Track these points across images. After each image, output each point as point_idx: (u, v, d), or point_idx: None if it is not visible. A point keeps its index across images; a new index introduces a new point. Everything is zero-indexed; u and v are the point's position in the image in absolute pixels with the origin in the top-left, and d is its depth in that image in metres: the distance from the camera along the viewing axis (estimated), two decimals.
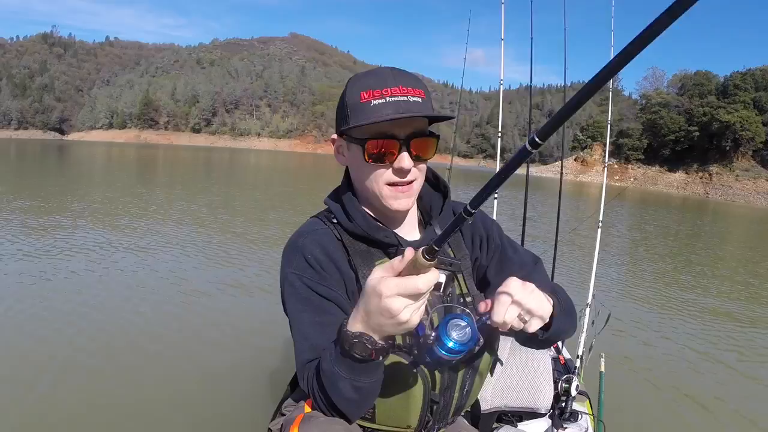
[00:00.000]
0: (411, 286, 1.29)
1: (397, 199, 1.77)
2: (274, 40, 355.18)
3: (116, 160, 60.16)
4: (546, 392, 2.78)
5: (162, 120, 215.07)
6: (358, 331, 1.43)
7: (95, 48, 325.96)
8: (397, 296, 1.31)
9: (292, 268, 1.77)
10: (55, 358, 5.36)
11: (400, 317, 1.33)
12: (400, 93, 1.68)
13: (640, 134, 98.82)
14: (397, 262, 1.33)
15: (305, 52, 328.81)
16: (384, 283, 1.32)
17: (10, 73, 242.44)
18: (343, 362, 1.49)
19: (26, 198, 17.62)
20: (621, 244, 18.72)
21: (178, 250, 10.85)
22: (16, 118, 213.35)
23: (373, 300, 1.34)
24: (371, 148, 1.71)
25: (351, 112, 1.72)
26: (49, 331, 6.09)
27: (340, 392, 1.55)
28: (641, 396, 5.60)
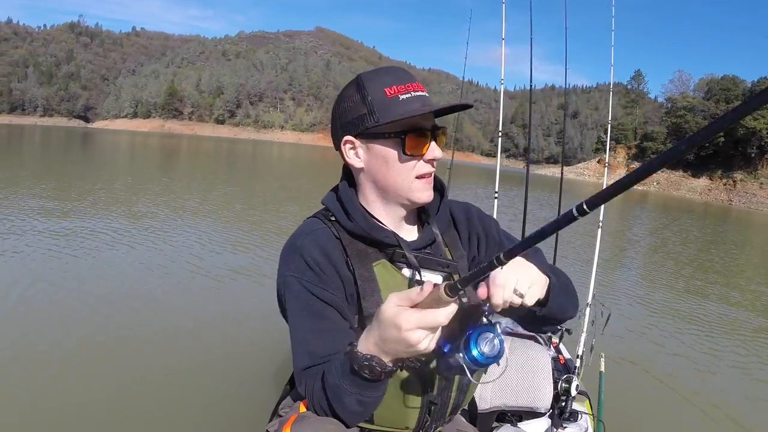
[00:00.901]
0: (432, 321, 1.31)
1: (426, 191, 1.79)
2: (299, 33, 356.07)
3: (139, 148, 60.58)
4: (546, 392, 2.75)
5: (186, 110, 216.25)
6: (370, 354, 1.45)
7: (121, 38, 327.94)
8: (417, 329, 1.33)
9: (291, 270, 1.75)
10: (55, 346, 5.39)
11: (418, 348, 1.35)
12: (419, 89, 1.75)
13: (665, 138, 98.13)
14: (415, 293, 1.34)
15: (330, 47, 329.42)
16: (404, 317, 1.33)
17: (37, 61, 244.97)
18: (350, 379, 1.50)
19: (50, 181, 17.79)
20: (635, 247, 18.57)
21: (177, 241, 10.90)
22: (42, 105, 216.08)
23: (391, 331, 1.36)
24: (411, 140, 1.72)
25: (378, 109, 1.71)
26: (53, 318, 6.12)
27: (345, 406, 1.56)
28: (641, 396, 5.58)
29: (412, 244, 1.82)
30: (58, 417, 4.17)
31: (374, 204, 1.85)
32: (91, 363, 5.12)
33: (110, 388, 4.69)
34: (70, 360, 5.10)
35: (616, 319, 5.52)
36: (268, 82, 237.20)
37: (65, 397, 4.44)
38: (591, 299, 4.56)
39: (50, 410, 4.22)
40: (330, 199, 1.89)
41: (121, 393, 4.62)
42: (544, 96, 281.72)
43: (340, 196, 1.86)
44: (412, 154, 1.73)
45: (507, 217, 17.98)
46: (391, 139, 1.73)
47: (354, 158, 1.81)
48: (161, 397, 4.63)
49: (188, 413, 4.43)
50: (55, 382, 4.67)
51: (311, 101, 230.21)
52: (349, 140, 1.80)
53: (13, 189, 15.90)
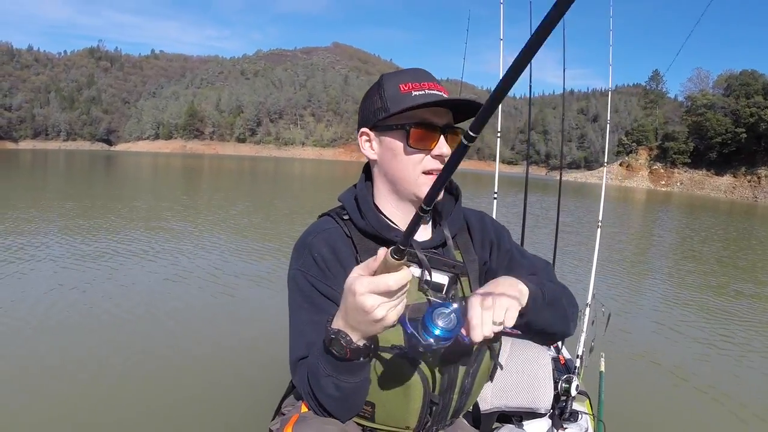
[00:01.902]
0: (382, 284, 1.32)
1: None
2: (317, 49, 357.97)
3: (162, 169, 61.16)
4: (546, 392, 2.75)
5: (207, 130, 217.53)
6: (338, 328, 1.47)
7: (141, 61, 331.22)
8: (370, 293, 1.34)
9: (299, 265, 1.79)
10: (64, 354, 5.50)
11: (374, 314, 1.35)
12: (436, 88, 1.78)
13: (686, 137, 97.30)
14: (372, 261, 1.36)
15: (348, 61, 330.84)
16: (358, 282, 1.35)
17: (59, 86, 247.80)
18: (326, 359, 1.53)
19: (77, 201, 18.06)
20: (648, 247, 18.58)
21: (193, 250, 11.13)
22: (65, 129, 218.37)
23: (349, 298, 1.38)
24: (415, 132, 1.75)
25: (390, 103, 1.77)
26: (63, 326, 6.26)
27: (323, 389, 1.58)
28: (641, 396, 5.59)
29: (422, 243, 1.84)
30: (69, 413, 4.29)
31: (387, 199, 1.89)
32: (99, 361, 5.29)
33: (113, 384, 4.84)
34: (81, 360, 5.24)
35: (616, 319, 5.52)
36: (287, 99, 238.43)
37: (70, 395, 4.56)
38: (591, 299, 4.55)
39: (64, 407, 4.35)
40: (347, 197, 1.92)
41: (124, 389, 4.76)
42: (564, 100, 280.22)
43: (357, 194, 1.89)
44: (417, 147, 1.76)
45: (507, 217, 17.93)
46: (399, 131, 1.77)
47: (369, 150, 1.88)
48: (166, 393, 4.74)
49: (193, 410, 4.52)
50: (63, 381, 4.80)
51: (331, 116, 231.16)
52: (365, 132, 1.86)
53: (42, 208, 16.60)
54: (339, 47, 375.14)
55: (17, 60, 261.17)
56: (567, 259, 12.79)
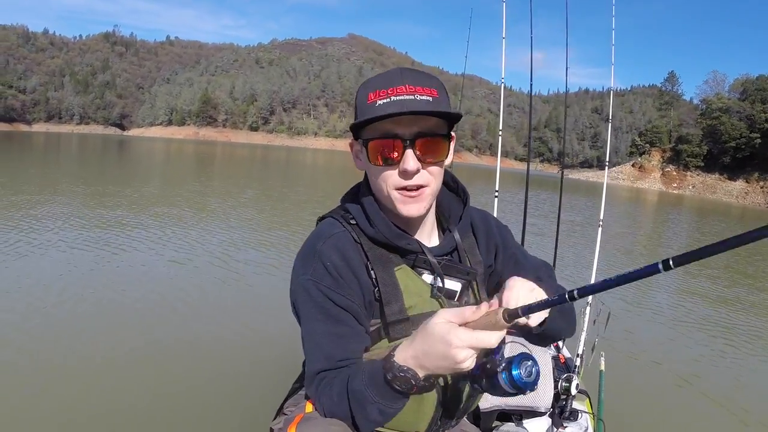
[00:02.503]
0: (485, 342, 1.31)
1: (407, 205, 1.69)
2: (332, 40, 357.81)
3: (175, 155, 61.35)
4: (546, 391, 2.75)
5: (220, 118, 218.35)
6: (407, 365, 1.43)
7: (156, 47, 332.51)
8: (467, 348, 1.32)
9: (309, 274, 1.68)
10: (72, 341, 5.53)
11: (462, 366, 1.35)
12: (406, 92, 1.60)
13: (700, 140, 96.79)
14: (470, 312, 1.34)
15: (363, 53, 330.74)
16: (455, 333, 1.32)
17: (73, 70, 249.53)
18: (379, 389, 1.47)
19: (91, 185, 18.06)
20: (654, 247, 18.51)
21: (200, 243, 11.09)
22: (78, 113, 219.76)
23: (439, 346, 1.35)
24: (374, 147, 1.64)
25: (359, 114, 1.66)
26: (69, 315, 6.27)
27: (367, 414, 1.52)
28: (641, 395, 5.58)
29: (433, 250, 1.78)
30: (66, 404, 4.26)
31: (385, 207, 1.78)
32: (100, 355, 5.24)
33: (114, 383, 4.77)
34: (84, 359, 5.19)
35: (616, 319, 5.51)
36: (301, 89, 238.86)
37: (71, 394, 4.52)
38: (591, 299, 4.54)
39: (58, 398, 4.30)
40: (352, 202, 1.84)
41: (122, 385, 4.72)
42: (578, 99, 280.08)
43: (362, 201, 1.79)
44: (377, 163, 1.66)
45: (510, 216, 17.92)
46: (362, 146, 1.69)
47: (358, 161, 1.79)
48: (167, 393, 4.69)
49: (193, 409, 4.49)
50: (64, 377, 4.76)
51: (344, 107, 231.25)
52: (352, 143, 1.80)
53: (54, 192, 16.66)
54: (354, 38, 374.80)
55: (32, 43, 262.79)
56: (571, 256, 12.76)
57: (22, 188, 17.76)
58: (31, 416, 4.18)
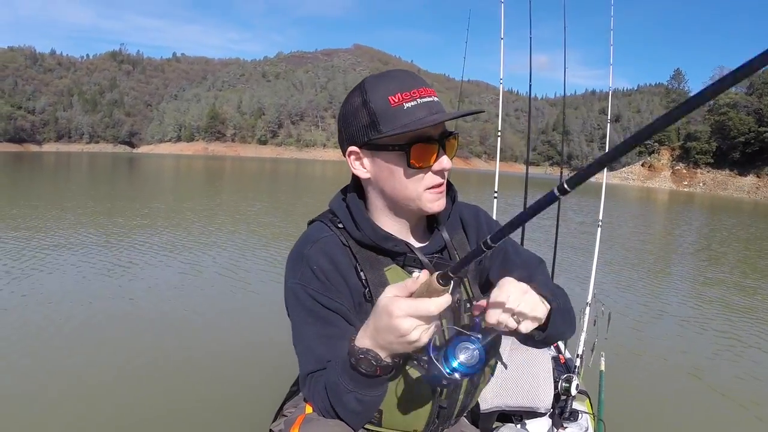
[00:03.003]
0: (423, 309, 1.31)
1: (437, 201, 1.72)
2: (338, 51, 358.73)
3: (185, 171, 61.57)
4: (546, 391, 2.75)
5: (229, 132, 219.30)
6: (365, 347, 1.44)
7: (162, 64, 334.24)
8: (407, 317, 1.32)
9: (297, 278, 1.70)
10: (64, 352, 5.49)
11: (409, 337, 1.34)
12: (426, 94, 1.64)
13: (709, 137, 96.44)
14: (411, 282, 1.35)
15: (369, 63, 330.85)
16: (395, 303, 1.33)
17: (81, 89, 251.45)
18: (349, 375, 1.49)
19: (103, 203, 18.16)
20: (661, 247, 18.49)
21: (200, 251, 11.05)
22: (88, 132, 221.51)
23: (384, 318, 1.35)
24: (416, 152, 1.62)
25: (381, 119, 1.61)
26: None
27: (345, 405, 1.54)
28: (641, 395, 5.57)
29: (421, 249, 1.78)
30: (62, 410, 4.26)
31: (382, 212, 1.79)
32: (104, 363, 5.27)
33: (114, 385, 4.83)
34: (87, 364, 5.17)
35: (617, 319, 5.51)
36: (308, 101, 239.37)
37: (70, 393, 4.55)
38: (591, 299, 4.54)
39: (54, 403, 4.29)
40: (339, 206, 1.82)
41: (122, 388, 4.76)
42: (585, 101, 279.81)
43: (349, 205, 1.79)
44: (418, 166, 1.64)
45: (508, 216, 17.88)
46: (396, 152, 1.64)
47: (360, 169, 1.73)
48: (165, 395, 4.72)
49: (192, 412, 4.51)
50: (62, 379, 4.74)
51: None
52: (354, 151, 1.71)
53: (65, 209, 16.86)
54: (360, 49, 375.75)
55: (40, 64, 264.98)
56: (574, 257, 12.73)
57: (34, 205, 17.97)
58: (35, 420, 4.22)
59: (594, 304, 4.52)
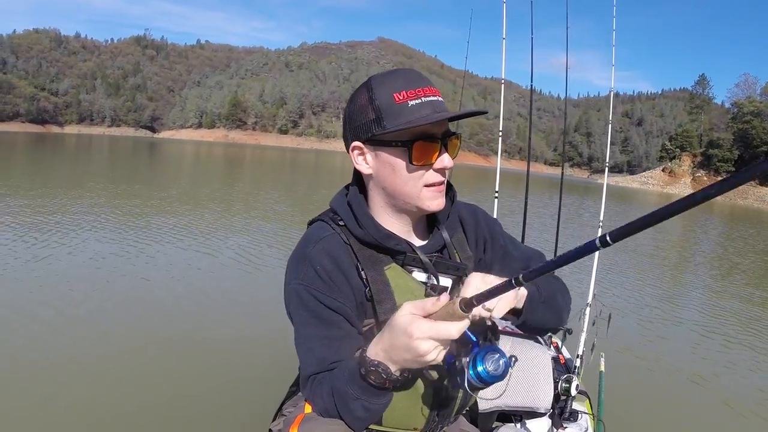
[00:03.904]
0: (444, 333, 1.33)
1: (436, 200, 1.74)
2: (361, 43, 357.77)
3: (205, 157, 61.81)
4: (546, 392, 2.75)
5: (250, 120, 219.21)
6: (377, 359, 1.47)
7: (186, 50, 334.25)
8: (428, 339, 1.34)
9: (300, 279, 1.71)
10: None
11: (427, 358, 1.37)
12: (431, 93, 1.67)
13: (731, 145, 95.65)
14: (430, 304, 1.36)
15: (392, 56, 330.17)
16: (415, 325, 1.34)
17: (105, 73, 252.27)
18: (358, 384, 1.51)
19: (118, 183, 18.30)
20: (670, 252, 18.44)
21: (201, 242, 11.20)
22: (110, 115, 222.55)
23: (401, 338, 1.37)
24: (419, 149, 1.65)
25: (386, 115, 1.65)
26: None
27: (351, 412, 1.56)
28: (641, 395, 5.60)
29: (422, 248, 1.79)
30: (59, 404, 4.32)
31: (383, 209, 1.81)
32: (101, 359, 5.28)
33: (113, 384, 4.81)
34: (83, 357, 5.28)
35: (617, 320, 5.51)
36: (330, 92, 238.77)
37: (65, 391, 4.59)
38: (591, 299, 4.54)
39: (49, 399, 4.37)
40: (340, 204, 1.85)
41: (123, 390, 4.72)
42: (608, 103, 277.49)
43: (350, 202, 1.81)
44: (420, 163, 1.67)
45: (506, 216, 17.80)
46: (399, 148, 1.67)
47: (362, 164, 1.77)
48: (164, 394, 4.71)
49: (191, 411, 4.50)
50: (74, 372, 4.83)
51: None
52: (357, 146, 1.75)
53: (85, 190, 17.13)
54: (384, 42, 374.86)
55: (64, 47, 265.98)
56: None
57: (54, 185, 18.22)
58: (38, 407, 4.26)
59: (594, 305, 4.53)
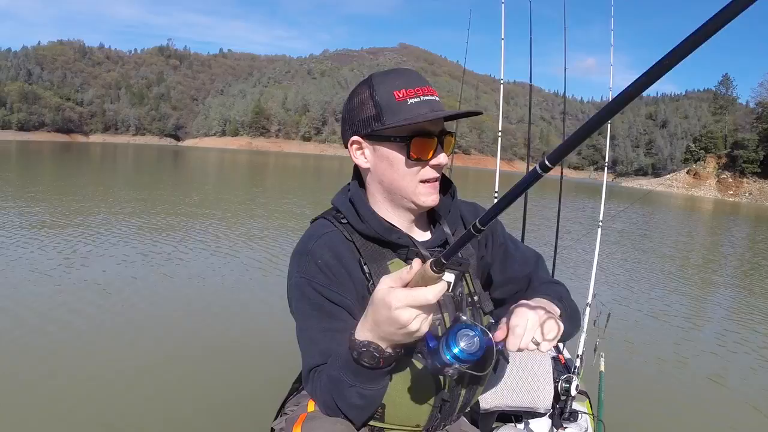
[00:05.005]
0: (421, 298, 1.32)
1: (431, 195, 1.77)
2: (383, 50, 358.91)
3: (229, 164, 62.28)
4: (546, 392, 2.75)
5: (273, 128, 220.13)
6: (366, 339, 1.47)
7: (209, 59, 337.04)
8: (406, 307, 1.33)
9: (302, 273, 1.73)
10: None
11: (410, 327, 1.36)
12: (429, 93, 1.71)
13: (756, 145, 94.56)
14: (405, 272, 1.35)
15: (414, 62, 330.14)
16: (393, 295, 1.34)
17: (129, 83, 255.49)
18: (351, 369, 1.52)
19: (142, 189, 18.43)
20: (680, 253, 18.32)
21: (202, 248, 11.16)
22: (134, 124, 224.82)
23: (382, 311, 1.37)
24: (416, 145, 1.69)
25: (386, 112, 1.69)
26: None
27: (347, 399, 1.57)
28: (641, 395, 5.59)
29: (424, 244, 1.80)
30: (62, 403, 4.34)
31: (383, 205, 1.83)
32: (101, 359, 5.34)
33: (114, 384, 4.85)
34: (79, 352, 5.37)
35: (617, 320, 5.50)
36: None
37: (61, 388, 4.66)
38: (591, 299, 4.53)
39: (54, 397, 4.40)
40: (341, 201, 1.87)
41: (125, 388, 4.78)
42: (632, 106, 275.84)
43: (352, 198, 1.83)
44: (417, 158, 1.70)
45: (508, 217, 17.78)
46: (397, 143, 1.70)
47: (360, 158, 1.80)
48: (166, 392, 4.77)
49: (193, 408, 4.53)
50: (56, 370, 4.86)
51: None
52: (356, 140, 1.78)
53: (111, 197, 17.42)
54: (406, 48, 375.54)
55: (89, 57, 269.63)
56: (581, 257, 12.61)
57: (82, 192, 18.57)
58: None
59: (594, 305, 4.52)
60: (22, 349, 5.45)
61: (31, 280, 7.79)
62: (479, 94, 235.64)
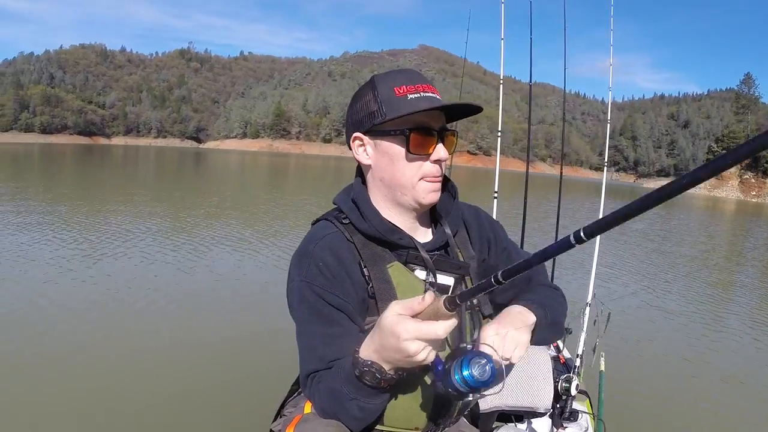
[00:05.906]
0: (431, 333, 1.32)
1: (431, 192, 1.76)
2: (403, 52, 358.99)
3: (250, 166, 62.57)
4: (546, 391, 2.75)
5: (294, 130, 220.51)
6: (370, 360, 1.46)
7: (230, 62, 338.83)
8: (415, 340, 1.34)
9: (302, 275, 1.71)
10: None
11: (416, 358, 1.36)
12: (430, 90, 1.72)
13: None
14: (417, 303, 1.35)
15: (434, 64, 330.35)
16: (402, 326, 1.34)
17: (150, 86, 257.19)
18: (353, 384, 1.51)
19: (166, 191, 18.56)
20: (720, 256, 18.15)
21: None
22: (156, 127, 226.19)
23: (390, 339, 1.37)
24: (416, 139, 1.69)
25: (386, 107, 1.69)
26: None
27: (347, 411, 1.56)
28: (641, 395, 5.58)
29: (425, 245, 1.79)
30: (71, 401, 4.39)
31: (384, 204, 1.82)
32: (101, 360, 5.38)
33: (115, 383, 4.89)
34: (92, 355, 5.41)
35: (617, 319, 5.48)
36: None
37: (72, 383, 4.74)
38: (591, 299, 4.53)
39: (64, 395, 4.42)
40: (343, 200, 1.86)
41: (125, 389, 4.80)
42: (654, 106, 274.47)
43: (355, 197, 1.82)
44: (417, 153, 1.70)
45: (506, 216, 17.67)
46: (397, 137, 1.70)
47: (362, 155, 1.80)
48: (166, 393, 4.77)
49: (193, 411, 4.55)
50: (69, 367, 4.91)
51: None
52: (358, 137, 1.78)
53: (138, 196, 17.14)
54: (425, 49, 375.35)
55: (111, 61, 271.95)
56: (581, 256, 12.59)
57: (104, 193, 18.95)
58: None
59: (594, 305, 4.52)
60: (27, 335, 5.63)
61: (55, 275, 8.03)
62: (499, 95, 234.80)
